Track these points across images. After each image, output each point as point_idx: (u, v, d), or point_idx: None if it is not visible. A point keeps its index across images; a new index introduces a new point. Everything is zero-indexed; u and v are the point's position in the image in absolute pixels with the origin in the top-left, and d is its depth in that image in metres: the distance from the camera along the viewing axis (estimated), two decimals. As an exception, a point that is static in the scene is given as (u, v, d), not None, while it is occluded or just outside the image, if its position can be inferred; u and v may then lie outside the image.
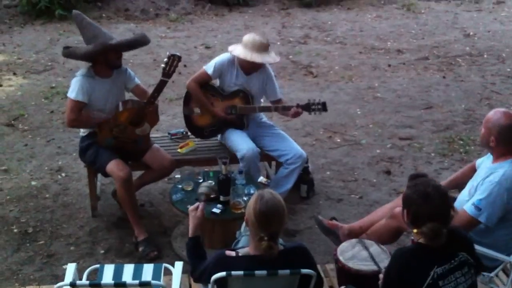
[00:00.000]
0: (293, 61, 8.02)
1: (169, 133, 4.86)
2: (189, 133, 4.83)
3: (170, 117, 6.29)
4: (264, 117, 4.80)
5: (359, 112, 6.57)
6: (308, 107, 4.38)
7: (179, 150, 4.58)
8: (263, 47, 4.28)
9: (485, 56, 8.44)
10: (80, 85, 4.01)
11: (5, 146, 5.58)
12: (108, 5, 9.71)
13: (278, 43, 8.78)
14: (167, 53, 4.01)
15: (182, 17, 9.93)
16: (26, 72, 7.41)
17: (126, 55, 4.70)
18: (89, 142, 4.22)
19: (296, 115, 4.40)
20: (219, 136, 4.67)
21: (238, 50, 4.31)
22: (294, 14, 10.40)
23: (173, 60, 3.95)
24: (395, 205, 3.67)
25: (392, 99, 6.95)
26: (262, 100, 4.68)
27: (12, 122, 6.05)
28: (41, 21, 9.19)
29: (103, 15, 9.61)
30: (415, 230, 2.50)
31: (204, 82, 4.49)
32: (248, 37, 4.32)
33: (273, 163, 4.85)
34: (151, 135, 4.45)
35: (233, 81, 4.45)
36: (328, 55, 8.39)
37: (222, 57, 4.47)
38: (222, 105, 4.48)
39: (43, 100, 6.62)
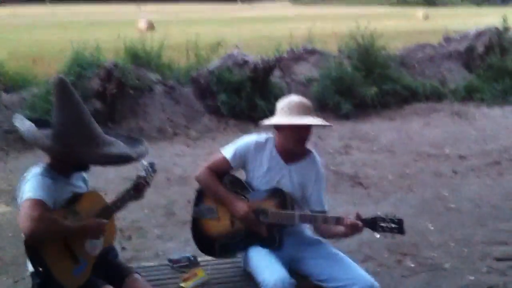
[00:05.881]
0: (335, 172, 6.58)
1: (170, 260, 3.31)
2: (198, 259, 3.30)
3: (182, 244, 4.76)
4: (307, 229, 3.24)
5: (431, 228, 4.96)
6: (374, 224, 2.81)
7: (182, 284, 3.02)
8: (303, 108, 2.96)
9: None
10: (38, 185, 2.55)
11: (-45, 291, 4.10)
12: (120, 124, 8.64)
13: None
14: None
15: (203, 134, 8.76)
16: (12, 200, 6.09)
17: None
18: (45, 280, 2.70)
19: (353, 230, 2.83)
20: (241, 260, 3.13)
21: (270, 120, 3.02)
22: (330, 126, 9.15)
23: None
24: None
25: (471, 210, 5.36)
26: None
27: (-24, 259, 4.63)
28: (43, 144, 8.06)
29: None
30: None
31: (221, 171, 3.09)
32: (282, 101, 3.03)
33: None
34: (145, 264, 2.96)
35: (263, 171, 3.03)
36: (376, 164, 6.96)
37: (248, 139, 3.11)
38: (247, 207, 3.00)
39: (22, 229, 5.21)
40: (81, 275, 2.65)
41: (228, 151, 3.06)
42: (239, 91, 9.32)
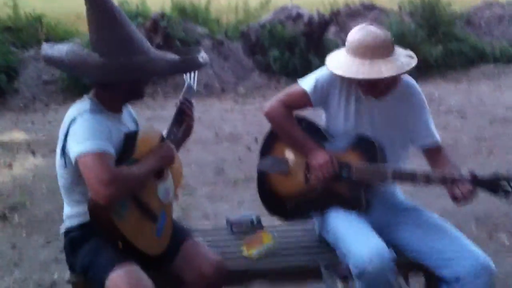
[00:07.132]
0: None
1: (228, 221, 2.76)
2: (263, 220, 2.73)
3: (234, 206, 4.24)
4: (398, 191, 2.61)
5: (524, 196, 4.27)
6: (495, 186, 2.13)
7: (245, 251, 2.46)
8: (373, 49, 2.20)
9: None
10: (94, 128, 1.99)
11: (-16, 247, 3.68)
12: (166, 80, 8.12)
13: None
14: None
15: (253, 91, 8.17)
16: (49, 152, 5.68)
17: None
18: (84, 233, 2.17)
19: (467, 196, 2.16)
20: (316, 222, 2.53)
21: (335, 62, 2.31)
22: (390, 86, 8.44)
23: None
24: None
25: None
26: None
27: (7, 213, 4.21)
28: (84, 97, 7.63)
29: (159, 89, 8.01)
30: None
31: (297, 109, 2.46)
32: (350, 35, 2.28)
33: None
34: (200, 227, 2.48)
35: (347, 111, 2.39)
36: (447, 125, 6.25)
37: (326, 71, 2.40)
38: (330, 156, 2.38)
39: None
40: (164, 234, 2.14)
41: (307, 83, 2.40)
42: (292, 47, 8.66)
